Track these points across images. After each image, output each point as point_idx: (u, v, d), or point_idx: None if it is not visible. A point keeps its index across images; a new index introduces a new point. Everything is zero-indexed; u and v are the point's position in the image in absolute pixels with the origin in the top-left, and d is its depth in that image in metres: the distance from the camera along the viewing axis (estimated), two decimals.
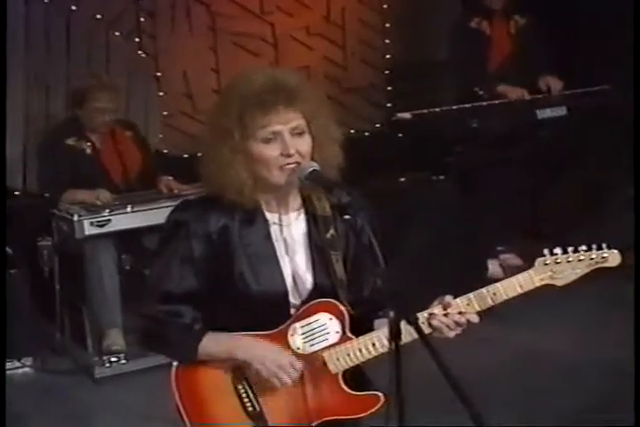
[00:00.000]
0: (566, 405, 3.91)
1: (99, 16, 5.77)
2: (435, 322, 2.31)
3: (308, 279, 2.40)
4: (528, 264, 2.41)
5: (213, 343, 2.33)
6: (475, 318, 2.32)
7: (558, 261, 2.37)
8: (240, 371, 2.36)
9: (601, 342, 4.46)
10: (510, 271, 5.76)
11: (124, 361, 4.56)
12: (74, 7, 5.70)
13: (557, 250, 2.38)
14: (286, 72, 2.39)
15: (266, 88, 2.28)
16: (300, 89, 2.32)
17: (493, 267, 5.41)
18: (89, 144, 4.89)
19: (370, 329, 2.38)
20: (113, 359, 4.56)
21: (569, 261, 2.38)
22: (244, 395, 2.35)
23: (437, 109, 5.63)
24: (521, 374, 4.20)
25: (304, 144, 2.32)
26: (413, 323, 2.11)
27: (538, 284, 2.37)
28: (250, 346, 2.34)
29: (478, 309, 2.34)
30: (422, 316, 2.31)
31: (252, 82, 2.31)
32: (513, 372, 4.23)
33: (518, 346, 4.44)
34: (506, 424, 3.51)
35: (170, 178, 4.94)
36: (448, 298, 2.34)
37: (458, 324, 2.31)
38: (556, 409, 3.88)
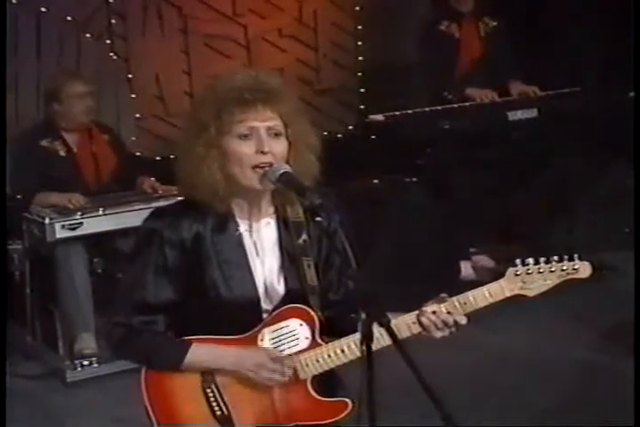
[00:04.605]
0: (538, 404, 3.94)
1: (69, 18, 5.74)
2: (424, 320, 2.32)
3: (279, 285, 2.40)
4: (500, 266, 2.42)
5: (198, 355, 2.33)
6: (462, 320, 2.33)
7: (529, 271, 2.37)
8: (209, 375, 2.36)
9: (571, 341, 4.49)
10: (483, 273, 5.82)
11: (96, 365, 4.53)
12: (44, 9, 5.67)
13: (529, 260, 2.38)
14: (269, 74, 2.40)
15: (246, 86, 2.30)
16: (280, 92, 2.34)
17: (466, 269, 5.44)
18: (63, 145, 4.86)
19: (342, 332, 2.38)
20: (85, 363, 4.53)
21: (540, 272, 2.38)
22: (212, 399, 2.35)
23: (410, 111, 5.64)
24: (492, 375, 4.22)
25: (279, 146, 2.32)
26: (385, 325, 2.12)
27: (508, 294, 2.38)
28: (236, 355, 2.34)
29: None
30: (412, 315, 2.33)
31: (233, 80, 2.34)
32: (484, 372, 4.25)
33: (489, 347, 4.47)
34: (478, 425, 3.53)
35: (153, 179, 4.92)
36: (443, 295, 2.36)
37: (445, 323, 2.32)
38: (528, 409, 3.90)
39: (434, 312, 2.33)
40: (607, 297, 4.79)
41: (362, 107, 6.66)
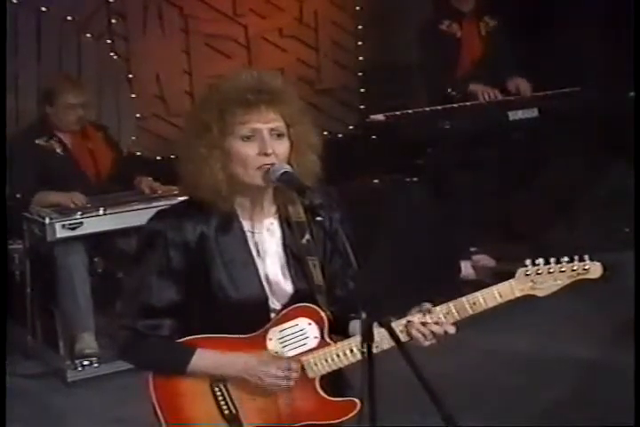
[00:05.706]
0: (538, 404, 3.94)
1: (69, 17, 5.74)
2: (413, 331, 2.31)
3: (287, 284, 2.40)
4: (501, 265, 2.42)
5: (203, 361, 2.33)
6: (451, 329, 2.33)
7: (540, 271, 2.37)
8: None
9: (570, 341, 4.49)
10: (483, 272, 5.82)
11: (96, 364, 4.52)
12: (44, 9, 5.67)
13: (539, 260, 2.37)
14: (271, 75, 2.40)
15: (250, 87, 2.30)
16: (283, 93, 2.34)
17: (466, 268, 5.44)
18: (59, 144, 4.86)
19: (345, 331, 2.38)
20: (85, 363, 4.53)
21: (550, 272, 2.37)
22: (220, 397, 2.36)
23: (410, 111, 5.65)
24: (492, 375, 4.22)
25: (282, 146, 2.33)
26: (385, 325, 2.11)
27: (518, 294, 2.37)
28: (242, 362, 2.33)
29: (458, 318, 2.35)
30: (399, 323, 2.32)
31: (236, 80, 2.34)
32: (484, 373, 4.25)
33: (490, 347, 4.47)
34: (478, 425, 3.53)
35: (150, 179, 4.92)
36: (428, 305, 2.35)
37: (434, 334, 2.32)
38: (528, 409, 3.90)
39: (423, 324, 2.32)
40: (607, 297, 4.79)
41: (362, 107, 6.67)
